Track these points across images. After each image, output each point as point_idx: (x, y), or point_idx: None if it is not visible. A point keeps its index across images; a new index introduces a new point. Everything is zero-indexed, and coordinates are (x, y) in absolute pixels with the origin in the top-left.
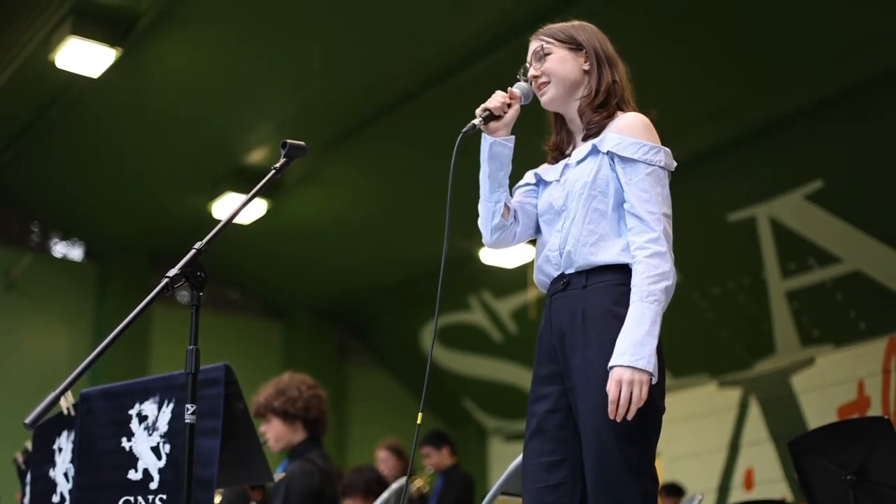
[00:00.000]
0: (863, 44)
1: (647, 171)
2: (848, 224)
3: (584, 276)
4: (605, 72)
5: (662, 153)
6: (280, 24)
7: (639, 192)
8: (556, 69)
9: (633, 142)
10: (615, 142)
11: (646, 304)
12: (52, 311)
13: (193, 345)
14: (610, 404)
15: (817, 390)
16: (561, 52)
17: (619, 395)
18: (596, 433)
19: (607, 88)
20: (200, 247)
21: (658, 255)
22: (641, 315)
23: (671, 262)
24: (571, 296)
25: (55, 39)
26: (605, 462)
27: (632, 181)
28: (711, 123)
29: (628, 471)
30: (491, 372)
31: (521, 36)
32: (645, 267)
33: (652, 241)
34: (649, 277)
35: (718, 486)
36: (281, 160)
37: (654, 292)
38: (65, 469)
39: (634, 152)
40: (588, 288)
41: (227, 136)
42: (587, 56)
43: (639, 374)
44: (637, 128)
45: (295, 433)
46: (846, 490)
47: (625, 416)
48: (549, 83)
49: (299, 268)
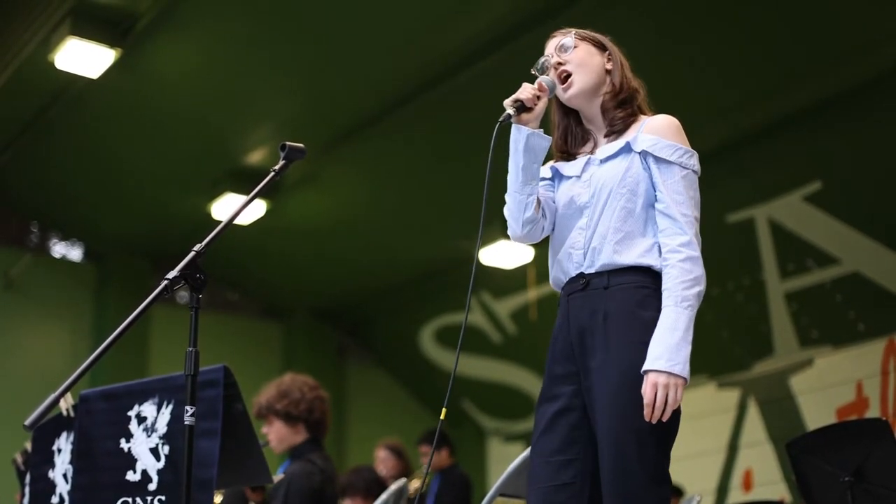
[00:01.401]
0: (862, 45)
1: (682, 174)
2: (847, 225)
3: (605, 277)
4: (627, 74)
5: (695, 158)
6: (280, 24)
7: (673, 195)
8: (584, 60)
9: (670, 144)
10: (651, 142)
11: (680, 308)
12: (51, 311)
13: (193, 347)
14: (646, 407)
15: (816, 391)
16: (587, 47)
17: (655, 399)
18: (614, 435)
19: (630, 88)
20: (200, 249)
21: (691, 260)
22: (676, 320)
23: (703, 267)
24: (592, 296)
25: (54, 40)
26: (624, 465)
27: (667, 182)
28: (710, 124)
29: (647, 475)
30: (490, 372)
31: (522, 37)
32: (679, 271)
33: (685, 244)
34: (683, 282)
35: (717, 486)
36: (280, 162)
37: (688, 297)
38: (64, 470)
39: (671, 154)
40: (610, 289)
41: (226, 137)
42: (610, 57)
43: (674, 378)
44: (672, 130)
45: (297, 434)
46: (844, 491)
47: (649, 423)
48: (575, 74)
49: (298, 268)
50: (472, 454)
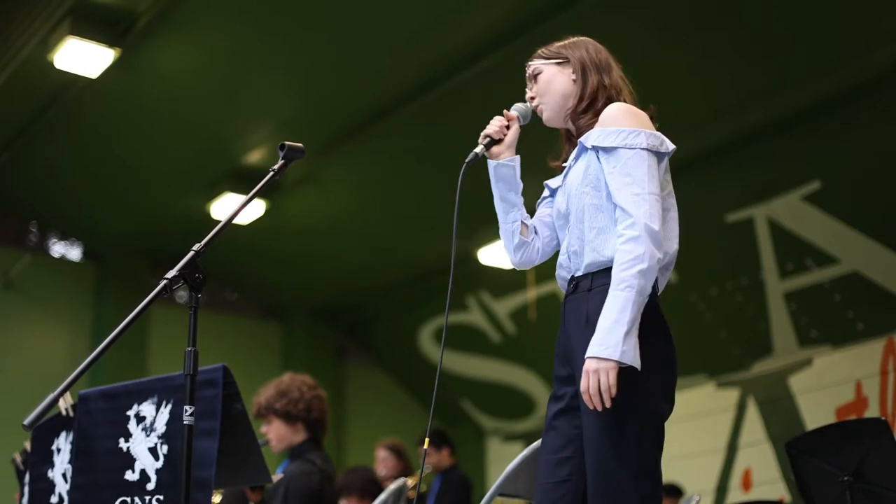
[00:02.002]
0: (861, 45)
1: (629, 156)
2: (846, 225)
3: (589, 279)
4: (591, 77)
5: (643, 135)
6: (279, 24)
7: (621, 178)
8: (546, 87)
9: (612, 130)
10: (596, 135)
11: (616, 291)
12: (50, 311)
13: (192, 346)
14: (583, 395)
15: (815, 391)
16: (550, 69)
17: (589, 386)
18: (594, 434)
19: (592, 93)
20: (199, 248)
21: (632, 240)
22: (612, 304)
23: (649, 242)
24: (579, 299)
25: (54, 39)
26: (603, 463)
27: (615, 169)
28: (710, 124)
29: (626, 472)
30: (489, 372)
31: (522, 37)
32: (619, 254)
33: (627, 226)
34: (621, 265)
35: (716, 486)
36: (279, 162)
37: (625, 279)
38: (63, 469)
39: (613, 140)
40: (593, 290)
41: (225, 137)
42: (574, 67)
43: (603, 362)
44: (616, 116)
45: (296, 434)
46: (843, 491)
47: (615, 416)
48: (543, 103)
49: (297, 268)
50: (471, 454)
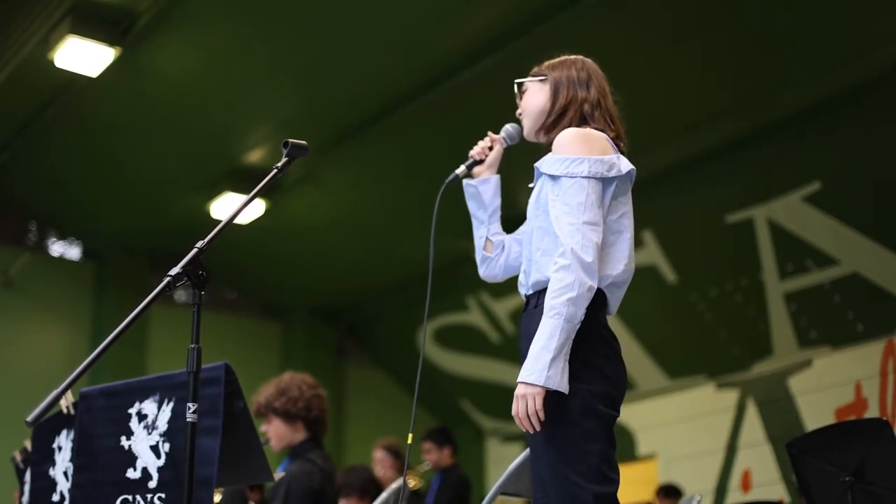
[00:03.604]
0: (861, 46)
1: (570, 185)
2: (846, 226)
3: (536, 297)
4: (562, 93)
5: (586, 163)
6: (280, 24)
7: (560, 206)
8: (525, 104)
9: (557, 158)
10: (545, 162)
11: (546, 318)
12: (49, 310)
13: (195, 343)
14: (514, 418)
15: (815, 392)
16: (533, 87)
17: (518, 411)
18: (535, 451)
19: (560, 108)
20: (202, 246)
21: (563, 269)
22: (541, 331)
23: (579, 270)
24: (528, 316)
25: (54, 38)
26: (551, 476)
27: (557, 198)
28: (710, 125)
29: (577, 478)
30: (488, 372)
31: (522, 37)
32: (552, 282)
33: (560, 255)
34: (552, 292)
35: (716, 487)
36: (283, 159)
37: (554, 306)
38: (65, 468)
39: (557, 169)
40: (538, 307)
41: (226, 136)
42: (551, 85)
43: (529, 388)
44: (563, 143)
45: (296, 433)
46: (844, 491)
47: (552, 432)
48: (524, 120)
49: (297, 268)
50: (470, 454)
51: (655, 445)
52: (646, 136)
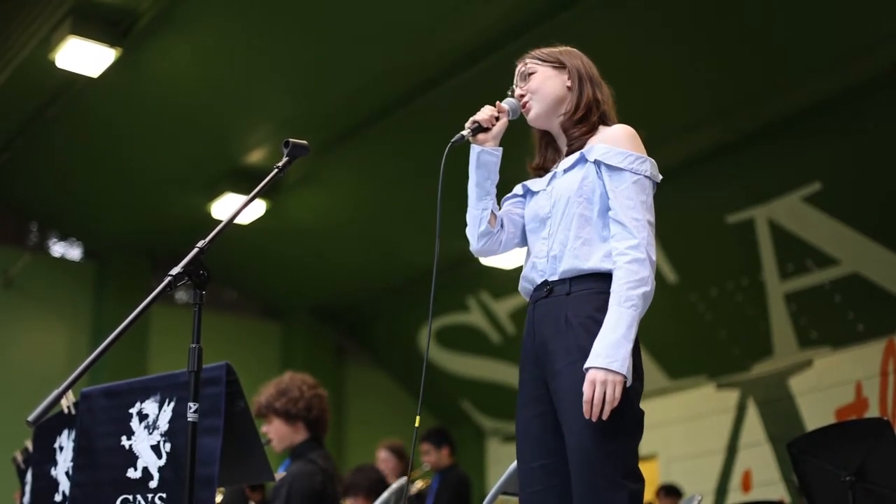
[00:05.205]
0: (861, 46)
1: (633, 180)
2: (846, 226)
3: (567, 284)
4: (587, 89)
5: (648, 163)
6: (280, 24)
7: (623, 200)
8: (539, 86)
9: (620, 151)
10: (602, 151)
11: (623, 308)
12: (50, 310)
13: (196, 343)
14: (584, 404)
15: (815, 392)
16: (545, 71)
17: (594, 396)
18: (579, 436)
19: (587, 104)
20: (203, 245)
21: (638, 262)
22: (618, 319)
23: (651, 269)
24: (555, 302)
25: (55, 39)
26: (590, 464)
27: (617, 189)
28: (710, 125)
29: (614, 472)
30: (489, 373)
31: (522, 37)
32: (624, 272)
33: (633, 247)
34: (628, 283)
35: (716, 487)
36: (284, 159)
37: (631, 297)
38: (66, 468)
39: (621, 161)
40: (571, 295)
41: (226, 137)
42: (570, 74)
43: (612, 375)
44: (624, 138)
45: (297, 433)
46: (845, 491)
47: (606, 419)
48: (533, 101)
49: (297, 268)
50: (471, 454)
51: (656, 445)
52: (646, 136)
